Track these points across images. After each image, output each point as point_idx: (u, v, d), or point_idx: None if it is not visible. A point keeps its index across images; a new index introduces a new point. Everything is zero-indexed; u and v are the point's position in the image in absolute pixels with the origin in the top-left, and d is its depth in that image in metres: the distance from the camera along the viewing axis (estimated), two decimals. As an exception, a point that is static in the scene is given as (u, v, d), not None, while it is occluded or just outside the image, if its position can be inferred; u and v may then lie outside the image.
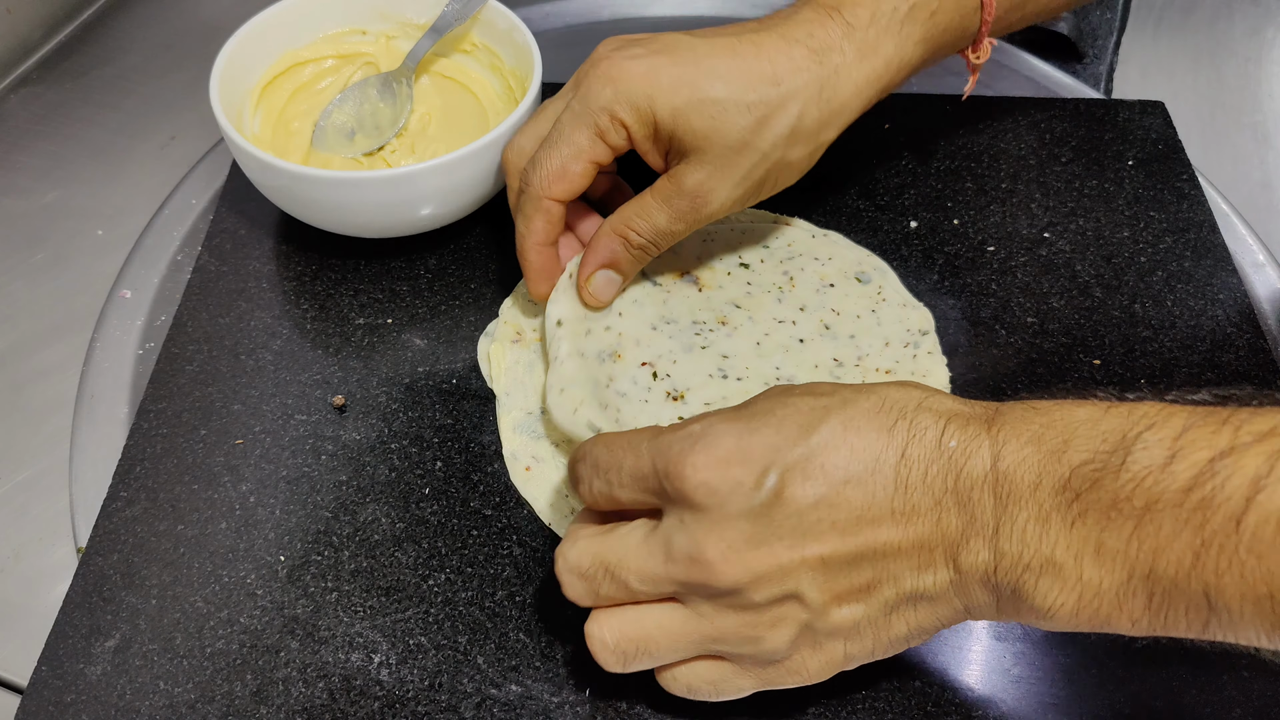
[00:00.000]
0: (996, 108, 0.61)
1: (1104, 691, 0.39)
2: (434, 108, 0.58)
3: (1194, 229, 0.55)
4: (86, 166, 0.63)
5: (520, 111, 0.50)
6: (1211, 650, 0.40)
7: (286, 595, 0.42)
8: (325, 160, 0.54)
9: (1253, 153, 0.71)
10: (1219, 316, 0.51)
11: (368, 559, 0.43)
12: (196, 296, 0.52)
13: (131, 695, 0.39)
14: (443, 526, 0.44)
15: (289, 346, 0.50)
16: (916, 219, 0.56)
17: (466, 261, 0.54)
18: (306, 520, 0.44)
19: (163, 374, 0.49)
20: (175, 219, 0.57)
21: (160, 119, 0.66)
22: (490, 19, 0.57)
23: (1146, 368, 0.49)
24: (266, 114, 0.56)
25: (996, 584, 0.33)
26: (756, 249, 0.54)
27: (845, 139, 0.59)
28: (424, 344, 0.50)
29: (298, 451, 0.46)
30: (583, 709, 0.39)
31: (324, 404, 0.48)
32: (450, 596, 0.42)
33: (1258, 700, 0.39)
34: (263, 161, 0.48)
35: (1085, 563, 0.31)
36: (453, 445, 0.47)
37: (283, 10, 0.56)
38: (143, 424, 0.47)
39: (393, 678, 0.40)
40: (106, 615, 0.41)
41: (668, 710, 0.39)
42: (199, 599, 0.42)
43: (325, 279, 0.53)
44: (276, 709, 0.39)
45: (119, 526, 0.44)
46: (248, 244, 0.54)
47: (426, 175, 0.48)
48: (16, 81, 0.68)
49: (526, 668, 0.40)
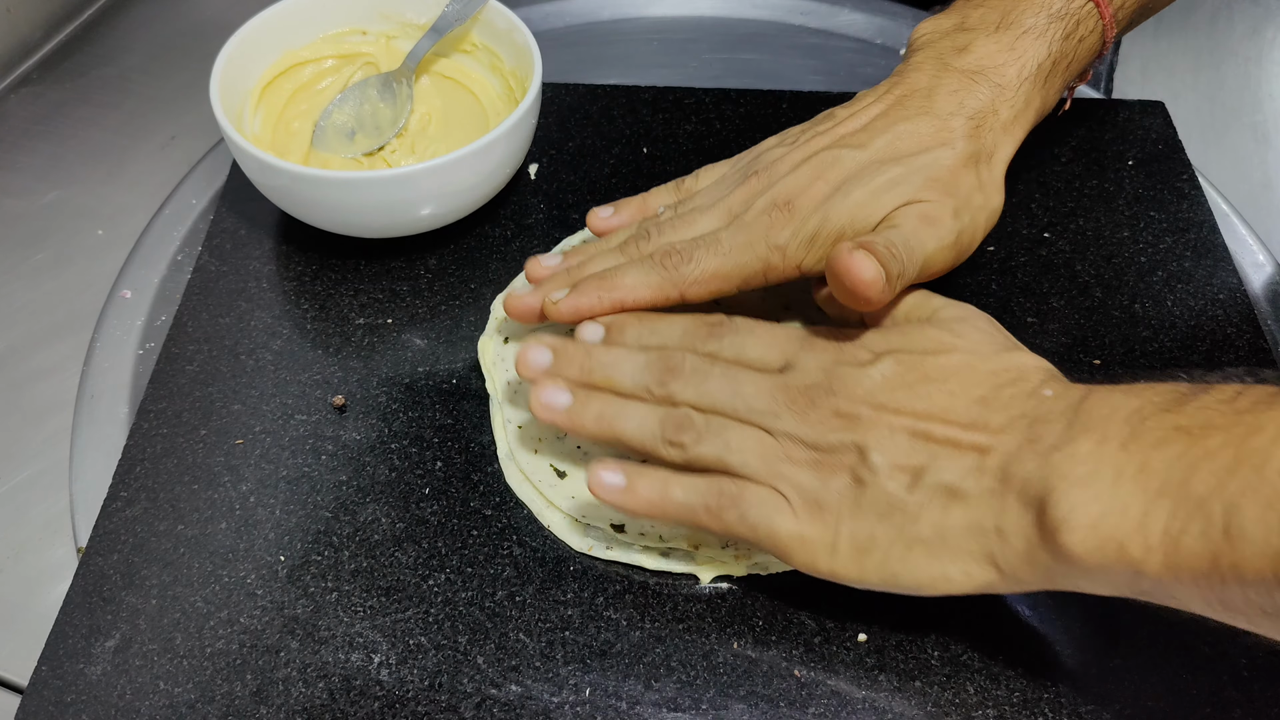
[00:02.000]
0: (996, 108, 0.61)
1: (1104, 692, 0.39)
2: (434, 108, 0.58)
3: (1194, 229, 0.55)
4: (86, 166, 0.63)
5: (520, 111, 0.50)
6: (1211, 651, 0.40)
7: (286, 595, 0.42)
8: (325, 160, 0.54)
9: (1253, 153, 0.71)
10: (1219, 316, 0.51)
11: (368, 559, 0.43)
12: (196, 296, 0.52)
13: (131, 695, 0.39)
14: (443, 526, 0.44)
15: (289, 346, 0.50)
16: (916, 219, 0.56)
17: (466, 261, 0.54)
18: (306, 520, 0.44)
19: (163, 374, 0.49)
20: (175, 219, 0.57)
21: (160, 119, 0.66)
22: (490, 19, 0.57)
23: (1146, 368, 0.49)
24: (266, 114, 0.56)
25: (1032, 493, 0.34)
26: None
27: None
28: (424, 344, 0.50)
29: (298, 451, 0.46)
30: (583, 709, 0.39)
31: (324, 404, 0.48)
32: (450, 596, 0.42)
33: (1258, 700, 0.39)
34: (263, 161, 0.48)
35: (1124, 480, 0.32)
36: (453, 445, 0.47)
37: (283, 10, 0.56)
38: (143, 424, 0.47)
39: (393, 678, 0.40)
40: (106, 615, 0.41)
41: (668, 710, 0.39)
42: (199, 599, 0.42)
43: (325, 279, 0.53)
44: (276, 709, 0.39)
45: (119, 526, 0.44)
46: (248, 244, 0.54)
47: (426, 175, 0.48)
48: (16, 81, 0.68)
49: (526, 668, 0.40)
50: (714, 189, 0.47)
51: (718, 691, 0.39)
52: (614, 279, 0.44)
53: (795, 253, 0.43)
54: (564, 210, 0.56)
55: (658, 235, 0.45)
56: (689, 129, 0.60)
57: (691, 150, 0.59)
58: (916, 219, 0.43)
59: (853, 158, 0.44)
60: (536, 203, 0.57)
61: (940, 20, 0.49)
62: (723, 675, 0.40)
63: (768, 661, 0.40)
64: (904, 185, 0.43)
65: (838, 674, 0.40)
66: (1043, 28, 0.46)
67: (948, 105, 0.45)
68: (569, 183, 0.57)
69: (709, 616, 0.41)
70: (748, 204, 0.45)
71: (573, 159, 0.59)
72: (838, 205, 0.43)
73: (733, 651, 0.40)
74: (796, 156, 0.45)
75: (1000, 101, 0.45)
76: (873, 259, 0.40)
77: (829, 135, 0.46)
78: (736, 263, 0.43)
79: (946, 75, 0.46)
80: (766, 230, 0.43)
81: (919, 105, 0.45)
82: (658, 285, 0.44)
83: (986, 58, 0.46)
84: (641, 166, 0.58)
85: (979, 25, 0.47)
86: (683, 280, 0.43)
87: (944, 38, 0.47)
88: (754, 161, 0.47)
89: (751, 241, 0.43)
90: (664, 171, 0.57)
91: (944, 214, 0.43)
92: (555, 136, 0.60)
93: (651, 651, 0.40)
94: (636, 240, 0.46)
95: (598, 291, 0.44)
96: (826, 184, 0.44)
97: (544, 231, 0.55)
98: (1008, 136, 0.45)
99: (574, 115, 0.61)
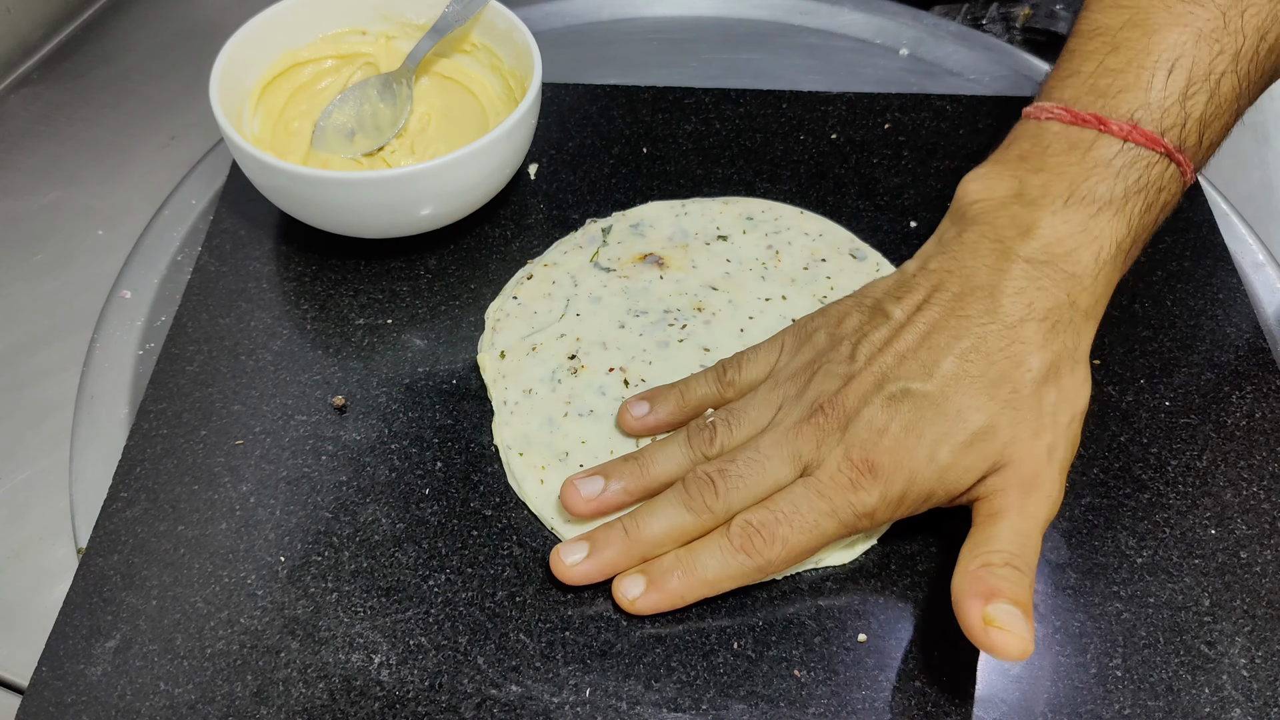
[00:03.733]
0: (996, 108, 0.61)
1: (1104, 691, 0.39)
2: (434, 108, 0.58)
3: (1194, 229, 0.55)
4: (86, 166, 0.63)
5: (520, 111, 0.50)
6: (1211, 651, 0.40)
7: (287, 596, 0.42)
8: (325, 160, 0.54)
9: (1253, 153, 0.70)
10: (1219, 316, 0.51)
11: (368, 559, 0.43)
12: (196, 297, 0.52)
13: (132, 696, 0.39)
14: (443, 527, 0.44)
15: (289, 347, 0.50)
16: (916, 219, 0.56)
17: (466, 261, 0.54)
18: (306, 521, 0.44)
19: (163, 374, 0.49)
20: (175, 219, 0.57)
21: (160, 119, 0.66)
22: (490, 19, 0.57)
23: (1146, 367, 0.49)
24: (266, 114, 0.56)
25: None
26: (739, 220, 0.53)
27: (845, 138, 0.60)
28: (424, 344, 0.50)
29: (298, 452, 0.46)
30: (583, 709, 0.39)
31: (324, 404, 0.48)
32: (450, 597, 0.42)
33: (1257, 700, 0.39)
34: (263, 162, 0.48)
35: None
36: (453, 445, 0.47)
37: (282, 10, 0.56)
38: (143, 424, 0.47)
39: (393, 678, 0.40)
40: (106, 615, 0.41)
41: (668, 710, 0.39)
42: (199, 599, 0.42)
43: (325, 279, 0.53)
44: (277, 709, 0.39)
45: (119, 527, 0.44)
46: (248, 244, 0.54)
47: (426, 175, 0.48)
48: (16, 81, 0.68)
49: (526, 668, 0.40)
50: (770, 396, 0.43)
51: (718, 691, 0.39)
52: (694, 566, 0.40)
53: (882, 514, 0.40)
54: (564, 210, 0.56)
55: (724, 486, 0.40)
56: (689, 129, 0.60)
57: (691, 150, 0.59)
58: (1018, 496, 0.38)
59: (922, 394, 0.39)
60: (536, 203, 0.57)
61: (992, 183, 0.44)
62: (723, 675, 0.40)
63: (768, 661, 0.40)
64: (989, 441, 0.39)
65: (838, 674, 0.40)
66: (1120, 203, 0.41)
67: (1015, 309, 0.40)
68: (569, 183, 0.57)
69: (709, 616, 0.41)
70: (818, 453, 0.40)
71: (573, 159, 0.59)
72: (924, 468, 0.39)
73: (733, 651, 0.40)
74: (862, 387, 0.40)
75: (1077, 291, 0.40)
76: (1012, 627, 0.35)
77: (889, 353, 0.41)
78: (822, 534, 0.39)
79: (1010, 266, 0.41)
80: (849, 496, 0.39)
81: (981, 309, 0.40)
82: (740, 573, 0.40)
83: (1056, 243, 0.41)
84: (641, 166, 0.58)
85: (1041, 198, 0.42)
86: (768, 566, 0.40)
87: (1000, 210, 0.43)
88: (811, 376, 0.42)
89: (836, 510, 0.39)
90: (664, 171, 0.57)
91: (1040, 462, 0.39)
92: (555, 136, 0.60)
93: (651, 651, 0.40)
94: (700, 489, 0.41)
95: (678, 581, 0.40)
96: (904, 431, 0.39)
97: (544, 231, 0.55)
98: (1089, 324, 0.41)
99: (574, 115, 0.61)
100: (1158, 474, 0.46)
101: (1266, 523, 0.44)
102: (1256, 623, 0.41)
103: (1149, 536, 0.44)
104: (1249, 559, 0.43)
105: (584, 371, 0.47)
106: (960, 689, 0.40)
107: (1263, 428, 0.47)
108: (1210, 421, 0.47)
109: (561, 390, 0.47)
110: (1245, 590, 0.42)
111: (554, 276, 0.52)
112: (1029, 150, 0.44)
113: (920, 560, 0.43)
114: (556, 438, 0.45)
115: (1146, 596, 0.42)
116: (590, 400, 0.46)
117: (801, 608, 0.42)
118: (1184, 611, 0.42)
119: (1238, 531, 0.44)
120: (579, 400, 0.47)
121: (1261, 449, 0.46)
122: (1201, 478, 0.45)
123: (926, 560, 0.43)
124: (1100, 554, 0.43)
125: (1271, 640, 0.41)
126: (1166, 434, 0.47)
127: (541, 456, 0.45)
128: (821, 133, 0.60)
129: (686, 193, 0.56)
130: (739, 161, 0.58)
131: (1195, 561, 0.43)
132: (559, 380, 0.47)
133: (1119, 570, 0.43)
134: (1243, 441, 0.47)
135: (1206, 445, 0.47)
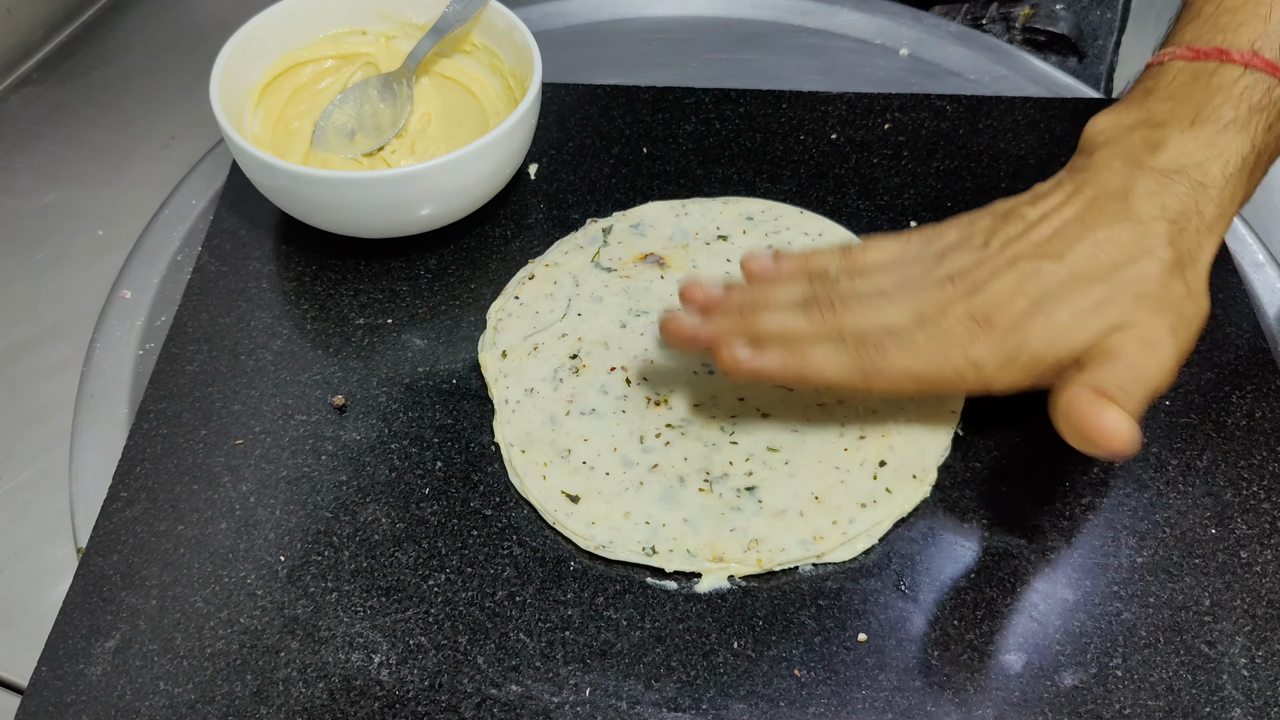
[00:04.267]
0: (996, 108, 0.61)
1: (1104, 691, 0.39)
2: (434, 108, 0.58)
3: (1194, 229, 0.55)
4: (86, 166, 0.63)
5: (520, 111, 0.50)
6: (1211, 651, 0.40)
7: (286, 595, 0.42)
8: (325, 160, 0.54)
9: (1253, 153, 0.70)
10: (1219, 316, 0.51)
11: (368, 559, 0.43)
12: (196, 297, 0.52)
13: (131, 695, 0.39)
14: (443, 526, 0.44)
15: (289, 346, 0.50)
16: (916, 219, 0.56)
17: (466, 261, 0.54)
18: (306, 520, 0.44)
19: (163, 374, 0.49)
20: (175, 219, 0.57)
21: (160, 119, 0.66)
22: (490, 19, 0.57)
23: (1146, 368, 0.49)
24: (266, 114, 0.56)
25: None
26: (739, 220, 0.53)
27: (845, 139, 0.60)
28: (424, 344, 0.50)
29: (298, 451, 0.46)
30: (583, 709, 0.39)
31: (324, 404, 0.48)
32: (450, 596, 0.42)
33: (1257, 700, 0.39)
34: (263, 161, 0.48)
35: None
36: (453, 445, 0.47)
37: (283, 10, 0.56)
38: (143, 424, 0.47)
39: (393, 678, 0.40)
40: (106, 615, 0.41)
41: (668, 710, 0.39)
42: (199, 599, 0.42)
43: (325, 279, 0.53)
44: (276, 709, 0.39)
45: (119, 526, 0.44)
46: (248, 244, 0.54)
47: (426, 175, 0.48)
48: (17, 81, 0.68)
49: (526, 668, 0.40)
50: (894, 271, 0.44)
51: (718, 691, 0.39)
52: (804, 353, 0.42)
53: (991, 372, 0.40)
54: (564, 210, 0.56)
55: (843, 309, 0.42)
56: (689, 129, 0.60)
57: (691, 150, 0.59)
58: (1137, 346, 0.39)
59: (1052, 271, 0.41)
60: (536, 203, 0.57)
61: (1120, 115, 0.45)
62: (723, 675, 0.40)
63: (768, 661, 0.40)
64: (1111, 306, 0.40)
65: (838, 674, 0.40)
66: (1244, 120, 0.43)
67: (1148, 208, 0.41)
68: (569, 183, 0.57)
69: (709, 616, 0.41)
70: (942, 309, 0.41)
71: (573, 159, 0.59)
72: (1039, 327, 0.40)
73: (733, 651, 0.40)
74: (994, 265, 0.42)
75: (1204, 201, 0.42)
76: (1120, 412, 0.37)
77: (1023, 242, 0.42)
78: (930, 365, 0.41)
79: (1141, 175, 0.42)
80: (964, 341, 0.40)
81: (1116, 209, 0.42)
82: (847, 370, 0.41)
83: (1185, 155, 0.42)
84: (641, 166, 0.58)
85: (1169, 120, 0.43)
86: (874, 371, 0.41)
87: (1129, 133, 0.44)
88: (941, 260, 0.43)
89: (946, 349, 0.40)
90: (664, 171, 0.57)
91: (1162, 335, 0.40)
92: (555, 136, 0.60)
93: (651, 651, 0.40)
94: (820, 307, 0.42)
95: (784, 359, 0.42)
96: (1026, 299, 0.40)
97: (544, 231, 0.55)
98: (1212, 236, 0.42)
99: (574, 115, 0.61)
100: (1158, 474, 0.46)
101: (1266, 523, 0.44)
102: (1256, 623, 0.41)
103: (1149, 536, 0.44)
104: (1249, 559, 0.43)
105: (585, 371, 0.47)
106: (960, 689, 0.40)
107: (1263, 428, 0.47)
108: (1210, 421, 0.47)
109: (563, 389, 0.47)
110: (1245, 590, 0.42)
111: (555, 276, 0.52)
112: (1153, 86, 0.46)
113: (920, 560, 0.43)
114: (558, 436, 0.46)
115: (1146, 596, 0.42)
116: (592, 399, 0.47)
117: (801, 608, 0.42)
118: (1184, 611, 0.42)
119: (1238, 531, 0.44)
120: (581, 399, 0.47)
121: (1261, 449, 0.46)
122: (1201, 478, 0.45)
123: (926, 560, 0.43)
124: (1100, 554, 0.43)
125: (1271, 640, 0.41)
126: (1166, 434, 0.47)
127: (543, 454, 0.45)
128: (821, 133, 0.60)
129: (687, 193, 0.56)
130: (739, 161, 0.58)
131: (1195, 561, 0.43)
132: (561, 379, 0.47)
133: (1119, 570, 0.43)
134: (1243, 441, 0.47)
135: (1206, 445, 0.46)
